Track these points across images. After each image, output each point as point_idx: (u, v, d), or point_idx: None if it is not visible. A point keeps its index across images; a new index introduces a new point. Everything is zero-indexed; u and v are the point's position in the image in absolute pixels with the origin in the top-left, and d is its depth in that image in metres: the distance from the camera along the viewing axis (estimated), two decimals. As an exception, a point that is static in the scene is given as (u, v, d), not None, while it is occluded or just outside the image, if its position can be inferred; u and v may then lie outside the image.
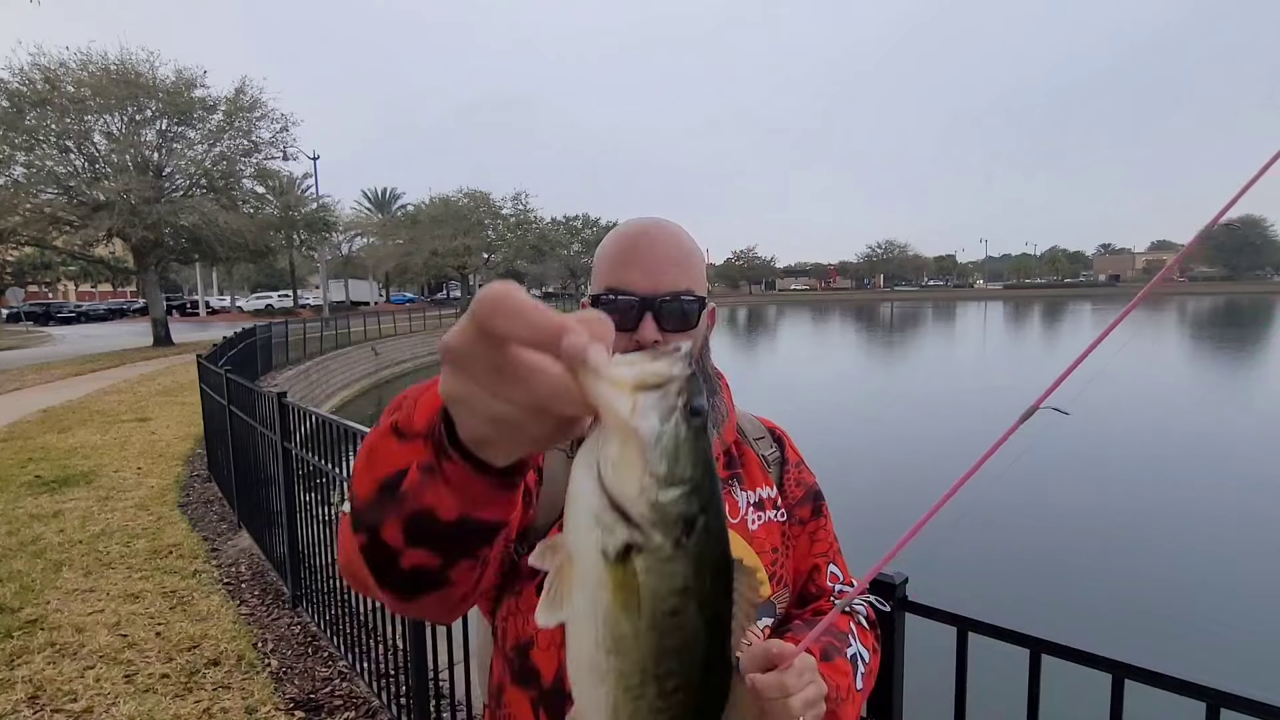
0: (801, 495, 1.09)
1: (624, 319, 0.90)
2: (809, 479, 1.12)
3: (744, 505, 1.00)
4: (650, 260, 0.92)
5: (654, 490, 0.44)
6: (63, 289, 55.94)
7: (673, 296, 0.91)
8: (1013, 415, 0.66)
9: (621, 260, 0.92)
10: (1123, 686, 1.06)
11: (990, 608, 1.21)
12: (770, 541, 1.00)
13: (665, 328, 0.91)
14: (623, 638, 0.47)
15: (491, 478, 0.52)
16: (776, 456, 1.11)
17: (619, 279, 0.92)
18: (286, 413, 3.81)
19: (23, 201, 20.17)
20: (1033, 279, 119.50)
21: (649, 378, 0.43)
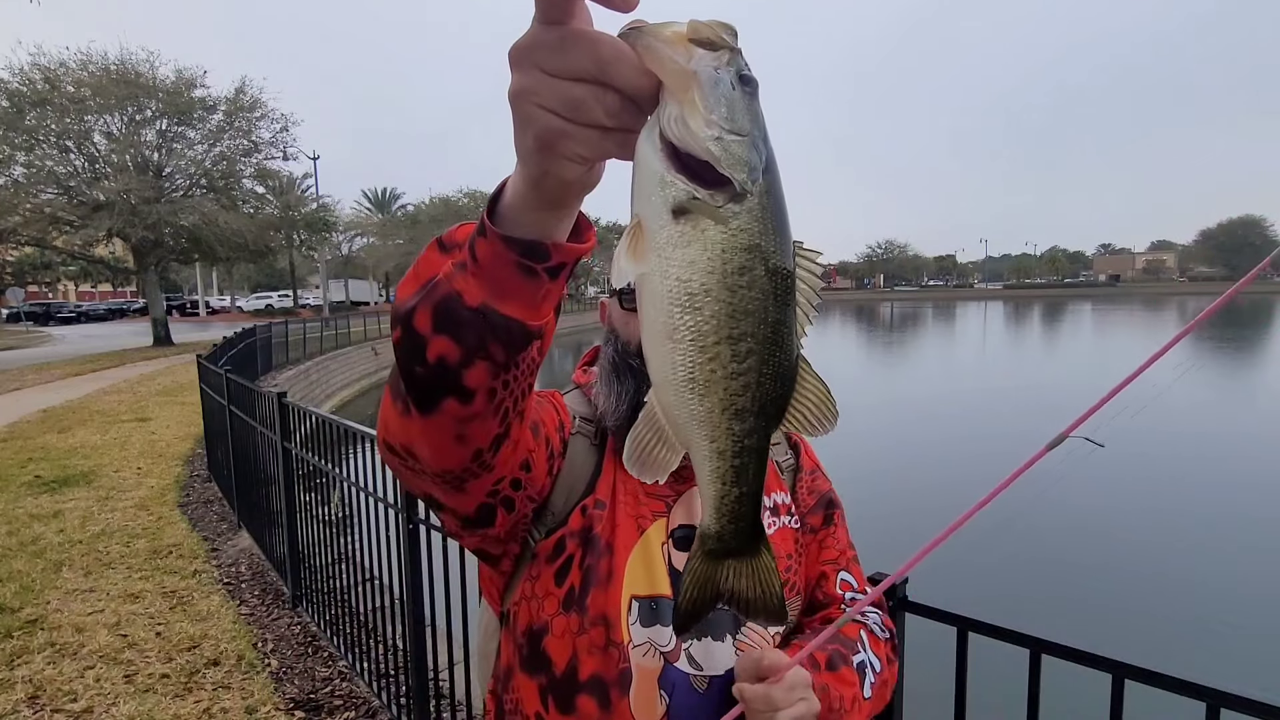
0: (814, 503, 1.08)
1: None
2: (823, 486, 1.10)
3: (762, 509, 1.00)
4: None
5: (716, 130, 0.45)
6: (63, 289, 55.90)
7: None
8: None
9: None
10: (1123, 686, 1.06)
11: (990, 608, 1.21)
12: (784, 548, 0.99)
13: None
14: (694, 295, 0.49)
15: (516, 254, 0.55)
16: (790, 463, 1.09)
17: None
18: (286, 413, 3.80)
19: (23, 201, 20.16)
20: (1033, 279, 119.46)
21: (702, 31, 0.45)
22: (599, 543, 0.90)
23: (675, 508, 0.94)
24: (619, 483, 0.94)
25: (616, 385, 0.95)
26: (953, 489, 10.51)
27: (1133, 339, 37.13)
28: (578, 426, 0.98)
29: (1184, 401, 17.80)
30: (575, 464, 0.95)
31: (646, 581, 0.89)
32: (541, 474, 0.89)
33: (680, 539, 0.92)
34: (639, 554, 0.90)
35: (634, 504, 0.93)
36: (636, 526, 0.92)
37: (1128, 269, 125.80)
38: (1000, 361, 29.10)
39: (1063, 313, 61.38)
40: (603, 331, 1.05)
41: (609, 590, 0.88)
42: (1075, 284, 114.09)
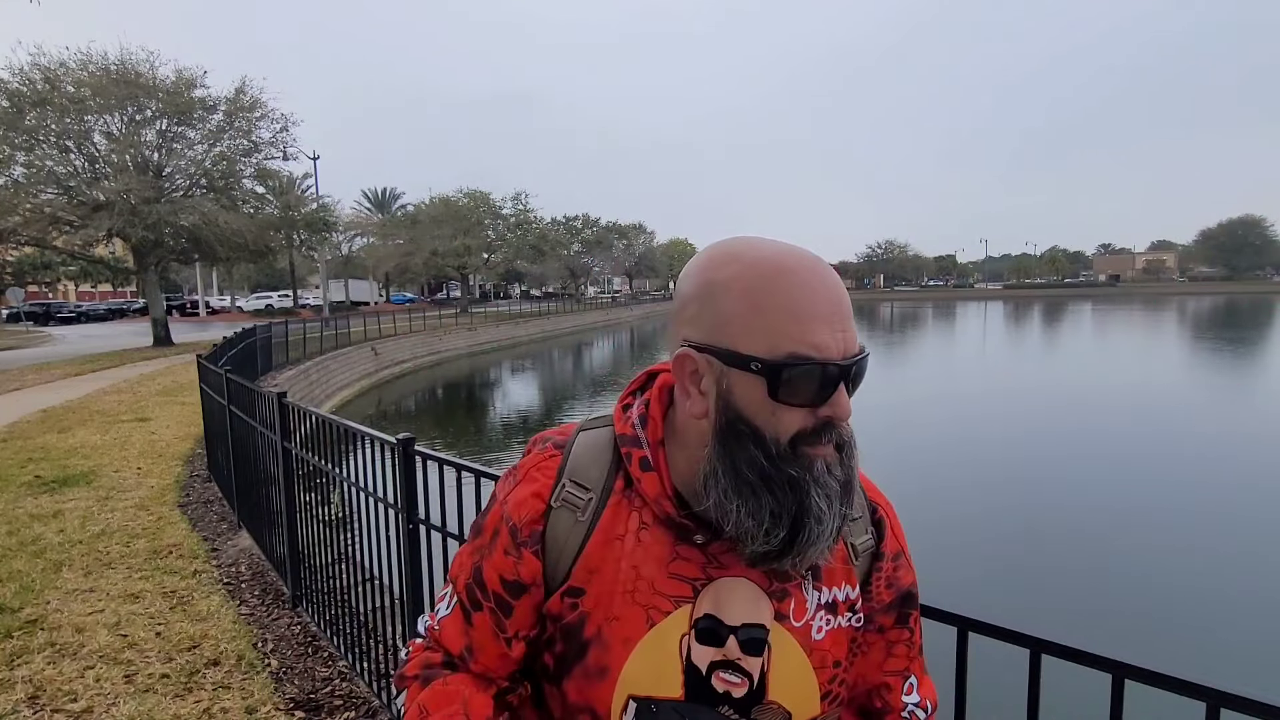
0: (890, 600, 0.88)
1: (814, 393, 0.72)
2: (905, 580, 0.89)
3: (812, 607, 0.81)
4: (840, 313, 0.73)
5: None
6: (63, 289, 55.92)
7: (861, 355, 0.74)
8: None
9: (804, 314, 0.71)
10: (1123, 686, 1.06)
11: (990, 608, 1.21)
12: (835, 654, 0.82)
13: (851, 393, 0.75)
14: None
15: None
16: (869, 547, 0.87)
17: (807, 341, 0.70)
18: (286, 413, 3.80)
19: (23, 201, 20.15)
20: (1032, 279, 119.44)
21: None
22: (580, 634, 0.79)
23: (703, 596, 0.78)
24: (625, 567, 0.79)
25: (774, 500, 0.73)
26: (952, 488, 10.51)
27: (1132, 339, 37.13)
28: (563, 496, 0.82)
29: (1185, 402, 17.81)
30: (557, 540, 0.81)
31: (652, 681, 0.77)
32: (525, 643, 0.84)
33: (704, 631, 0.77)
34: (647, 649, 0.77)
35: (647, 591, 0.78)
36: (646, 618, 0.77)
37: (1128, 269, 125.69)
38: (1000, 361, 29.10)
39: (1063, 312, 61.38)
40: (686, 390, 0.77)
41: (600, 686, 0.78)
42: (1075, 284, 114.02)
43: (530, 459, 0.86)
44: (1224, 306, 63.54)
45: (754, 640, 0.78)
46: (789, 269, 0.72)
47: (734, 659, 0.77)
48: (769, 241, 0.76)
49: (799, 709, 0.79)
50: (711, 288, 0.74)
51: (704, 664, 0.77)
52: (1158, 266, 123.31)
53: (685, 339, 0.76)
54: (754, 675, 0.78)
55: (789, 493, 0.73)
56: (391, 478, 2.65)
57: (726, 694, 0.77)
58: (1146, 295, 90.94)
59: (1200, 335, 37.05)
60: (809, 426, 0.73)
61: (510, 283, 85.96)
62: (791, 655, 0.79)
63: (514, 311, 49.23)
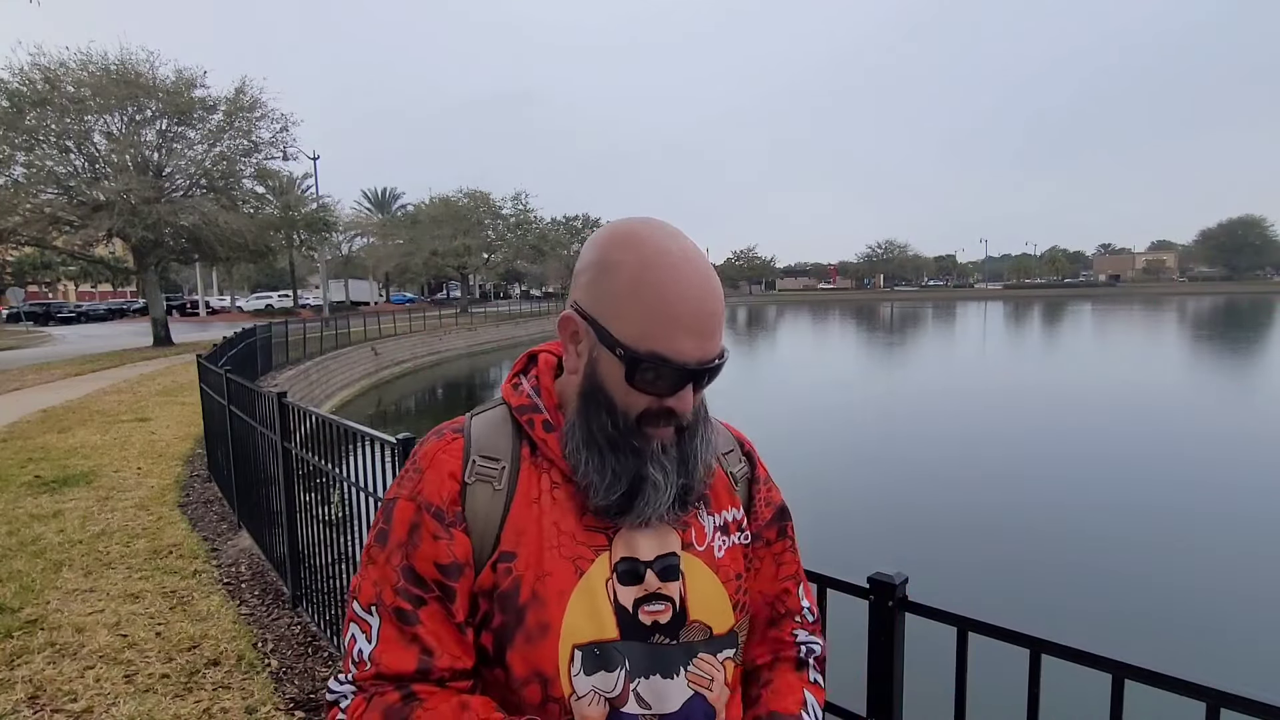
0: (770, 516, 0.99)
1: (663, 387, 0.80)
2: (777, 498, 1.01)
3: (710, 530, 0.91)
4: (704, 325, 0.79)
5: None
6: (63, 289, 55.96)
7: (717, 361, 0.81)
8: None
9: (672, 319, 0.77)
10: (1123, 686, 1.06)
11: (990, 608, 1.21)
12: (735, 568, 0.91)
13: (697, 390, 0.83)
14: None
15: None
16: (745, 473, 0.99)
17: (667, 344, 0.77)
18: (286, 413, 3.80)
19: (23, 201, 20.15)
20: (1032, 279, 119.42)
21: None
22: (516, 599, 0.81)
23: (616, 541, 0.84)
24: (547, 525, 0.83)
25: (616, 462, 0.81)
26: (950, 490, 10.51)
27: (1132, 339, 37.13)
28: (475, 471, 0.84)
29: (1184, 401, 17.81)
30: (478, 515, 0.83)
31: (591, 627, 0.81)
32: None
33: (625, 573, 0.83)
34: (580, 598, 0.81)
35: (570, 544, 0.83)
36: (574, 569, 0.82)
37: (1128, 269, 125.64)
38: (1000, 361, 29.10)
39: (1063, 312, 61.39)
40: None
41: (543, 645, 0.80)
42: (1075, 284, 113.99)
43: (429, 448, 0.87)
44: (1224, 306, 63.53)
45: (669, 568, 0.85)
46: (673, 272, 0.78)
47: (654, 590, 0.84)
48: (670, 235, 0.81)
49: (717, 622, 0.87)
50: (605, 265, 0.81)
51: (629, 602, 0.83)
52: (1158, 266, 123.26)
53: (575, 301, 0.84)
54: (674, 599, 0.85)
55: (629, 459, 0.82)
56: (391, 478, 2.65)
57: (654, 624, 0.84)
58: (1146, 295, 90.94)
59: (1200, 335, 37.06)
60: (653, 409, 0.82)
61: (510, 283, 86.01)
62: (702, 577, 0.88)
63: (514, 311, 49.27)
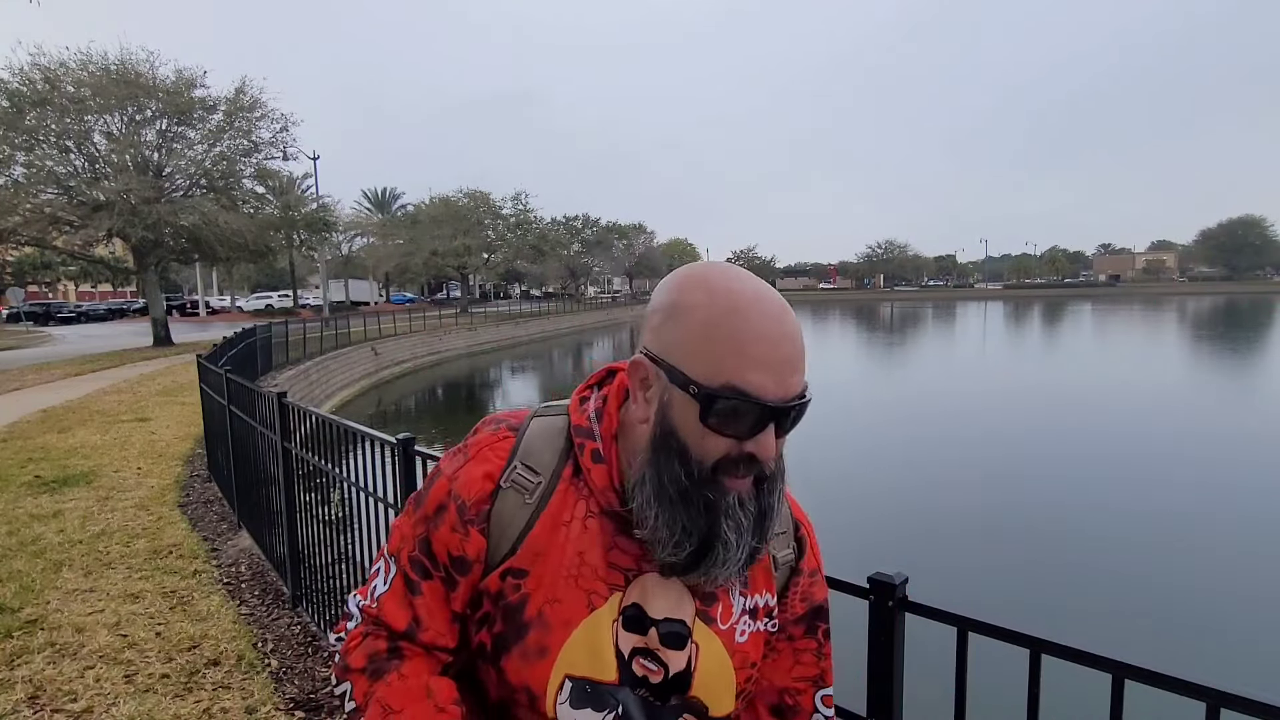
0: (802, 611, 0.94)
1: (742, 428, 0.76)
2: (819, 595, 0.96)
3: (738, 611, 0.87)
4: (783, 359, 0.75)
5: None
6: (63, 289, 55.94)
7: (799, 401, 0.77)
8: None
9: (748, 353, 0.74)
10: (1123, 686, 1.06)
11: (990, 608, 1.21)
12: (753, 655, 0.89)
13: (780, 434, 0.79)
14: None
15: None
16: (789, 560, 0.94)
17: (744, 378, 0.74)
18: (286, 413, 3.80)
19: (23, 201, 20.15)
20: (1032, 279, 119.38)
21: None
22: (519, 615, 0.82)
23: (633, 585, 0.83)
24: (570, 552, 0.82)
25: (687, 517, 0.77)
26: (950, 490, 10.51)
27: (1132, 339, 37.13)
28: (513, 478, 0.84)
29: (1185, 402, 17.81)
30: (503, 519, 0.84)
31: (587, 664, 0.81)
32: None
33: (631, 619, 0.82)
34: (585, 633, 0.81)
35: (590, 577, 0.82)
36: (587, 602, 0.81)
37: (1128, 269, 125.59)
38: (1000, 361, 29.10)
39: (1063, 312, 61.38)
40: (635, 377, 0.82)
41: (538, 666, 0.81)
42: (1075, 284, 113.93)
43: (482, 438, 0.88)
44: (1224, 306, 63.52)
45: (674, 635, 0.83)
46: (748, 310, 0.76)
47: (653, 649, 0.83)
48: (744, 278, 0.79)
49: (716, 705, 0.85)
50: (676, 308, 0.79)
51: (626, 649, 0.82)
52: (1158, 266, 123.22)
53: (645, 347, 0.81)
54: (669, 667, 0.83)
55: (703, 514, 0.77)
56: (391, 478, 2.65)
57: (644, 679, 0.83)
58: (1146, 295, 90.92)
59: (1200, 335, 37.05)
60: (732, 456, 0.77)
61: (510, 283, 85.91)
62: (716, 655, 0.85)
63: (514, 311, 49.20)
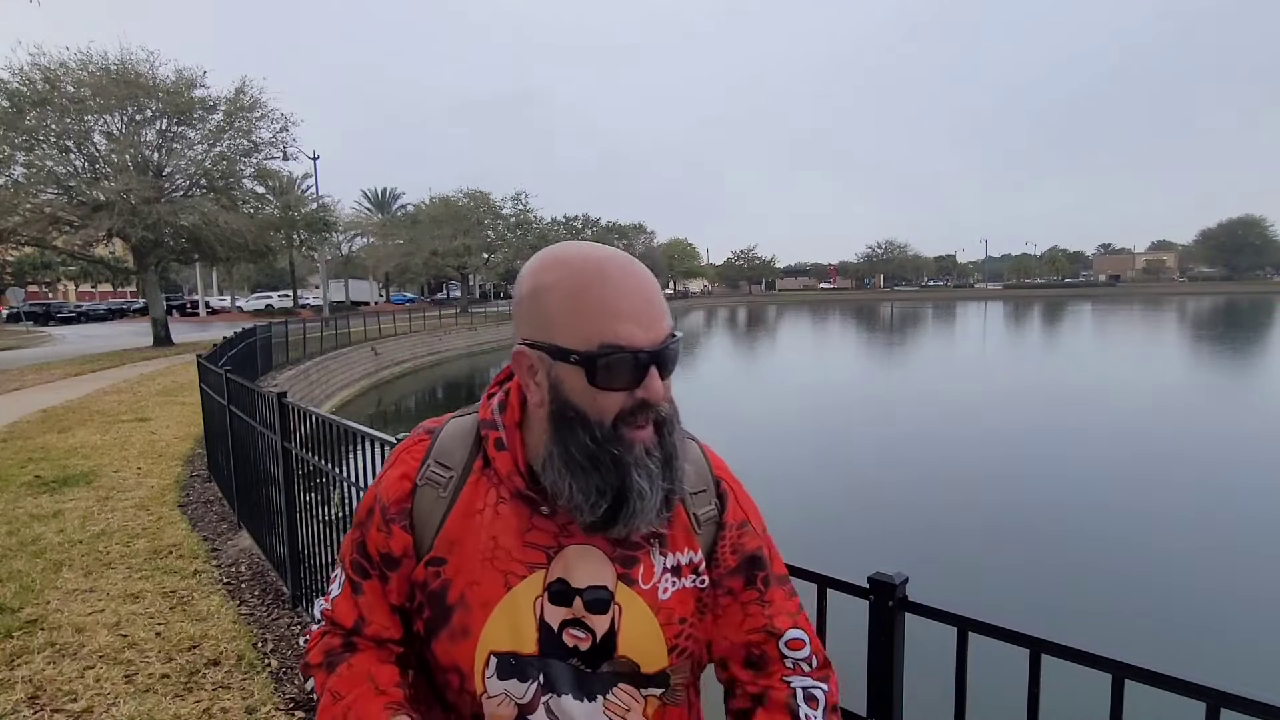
0: (735, 564, 0.95)
1: (627, 378, 0.81)
2: (749, 545, 0.96)
3: (659, 570, 0.90)
4: (647, 307, 0.81)
5: None
6: (63, 289, 55.93)
7: (670, 341, 0.83)
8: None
9: (611, 310, 0.80)
10: (1123, 686, 1.06)
11: (990, 608, 1.21)
12: (680, 611, 0.91)
13: (664, 376, 0.84)
14: None
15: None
16: (712, 516, 0.95)
17: (615, 333, 0.79)
18: (286, 413, 3.80)
19: (23, 201, 20.15)
20: (1032, 279, 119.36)
21: None
22: (443, 600, 0.88)
23: (555, 561, 0.87)
24: (484, 538, 0.88)
25: (598, 479, 0.82)
26: (950, 490, 10.51)
27: (1132, 339, 37.13)
28: (427, 475, 0.91)
29: (1185, 402, 17.80)
30: (423, 514, 0.91)
31: (509, 639, 0.86)
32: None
33: (557, 594, 0.87)
34: (504, 611, 0.86)
35: (505, 559, 0.87)
36: (504, 583, 0.86)
37: (1128, 269, 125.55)
38: (1000, 361, 29.10)
39: (1063, 312, 61.38)
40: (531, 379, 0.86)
41: (463, 645, 0.87)
42: (1075, 284, 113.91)
43: (401, 444, 0.97)
44: (1224, 306, 63.50)
45: (598, 600, 0.87)
46: (603, 273, 0.81)
47: (579, 617, 0.87)
48: (591, 247, 0.85)
49: (646, 661, 0.89)
50: (538, 290, 0.84)
51: (555, 622, 0.87)
52: (1158, 266, 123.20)
53: (521, 338, 0.86)
54: (597, 632, 0.87)
55: (613, 471, 0.82)
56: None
57: (575, 648, 0.87)
58: (1146, 295, 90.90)
59: (1200, 335, 37.05)
60: (627, 407, 0.82)
61: (510, 283, 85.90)
62: (639, 614, 0.88)
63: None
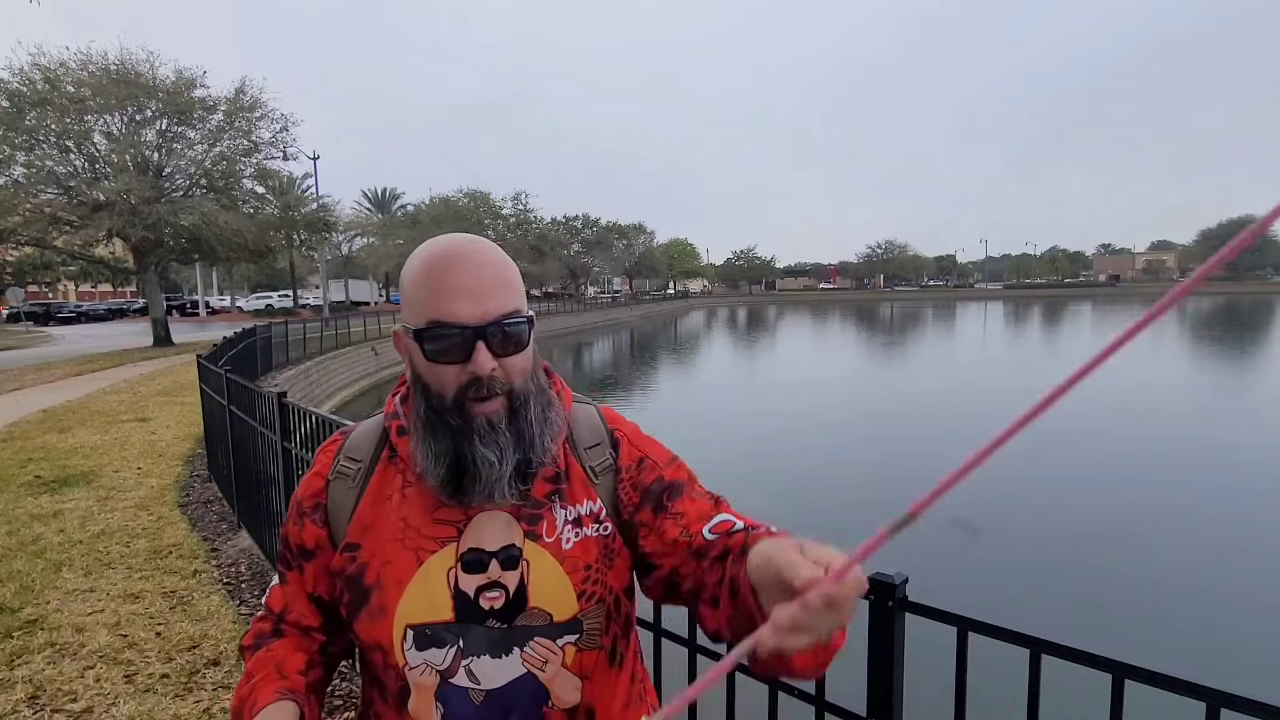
0: (638, 500, 0.98)
1: (454, 352, 0.86)
2: (647, 479, 0.99)
3: (561, 523, 0.95)
4: (474, 286, 0.86)
5: None
6: (63, 289, 55.86)
7: (503, 320, 0.87)
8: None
9: (440, 289, 0.86)
10: (1123, 686, 1.06)
11: (990, 608, 1.21)
12: (585, 559, 0.95)
13: (499, 354, 0.87)
14: None
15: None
16: (608, 464, 1.00)
17: (441, 309, 0.86)
18: (286, 413, 3.80)
19: (23, 201, 20.15)
20: (1033, 279, 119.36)
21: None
22: (360, 583, 0.94)
23: (466, 533, 0.93)
24: (394, 520, 0.94)
25: (434, 444, 0.90)
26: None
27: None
28: (338, 469, 1.00)
29: (1184, 402, 17.80)
30: (337, 506, 0.98)
31: (425, 610, 0.91)
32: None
33: (470, 562, 0.92)
34: (417, 585, 0.91)
35: (415, 537, 0.93)
36: (416, 559, 0.92)
37: (1128, 269, 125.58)
38: (999, 361, 29.09)
39: (1063, 312, 61.36)
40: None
41: (380, 623, 0.92)
42: (1075, 284, 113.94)
43: (320, 446, 1.06)
44: (1224, 307, 63.49)
45: (510, 558, 0.92)
46: (445, 257, 0.88)
47: (494, 579, 0.92)
48: (452, 236, 0.92)
49: (558, 610, 0.92)
50: (402, 278, 0.92)
51: (471, 589, 0.92)
52: (1158, 266, 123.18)
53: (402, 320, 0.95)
54: (510, 588, 0.92)
55: (449, 440, 0.89)
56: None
57: (491, 609, 0.91)
58: (1146, 295, 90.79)
59: (1200, 335, 37.05)
60: (464, 382, 0.88)
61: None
62: (546, 566, 0.93)
63: (514, 311, 49.08)
